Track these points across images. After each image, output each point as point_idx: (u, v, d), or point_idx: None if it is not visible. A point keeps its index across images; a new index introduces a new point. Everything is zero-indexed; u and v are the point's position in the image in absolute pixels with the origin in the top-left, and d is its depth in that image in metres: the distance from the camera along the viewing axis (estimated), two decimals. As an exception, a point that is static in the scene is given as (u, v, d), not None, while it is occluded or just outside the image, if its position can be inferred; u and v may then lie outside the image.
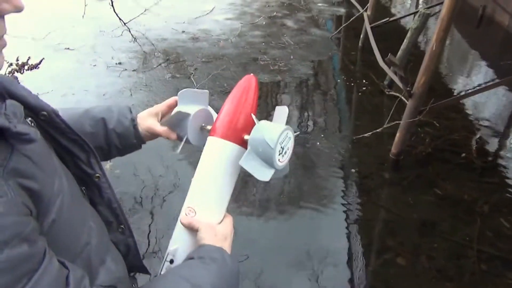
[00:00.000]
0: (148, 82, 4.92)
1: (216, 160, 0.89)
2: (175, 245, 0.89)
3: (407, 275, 2.54)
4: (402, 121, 3.38)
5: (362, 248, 2.72)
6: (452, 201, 3.10)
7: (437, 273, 2.53)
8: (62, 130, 0.71)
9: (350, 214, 3.03)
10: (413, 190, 3.22)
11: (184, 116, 0.94)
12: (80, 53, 5.62)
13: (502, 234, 2.81)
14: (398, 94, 3.71)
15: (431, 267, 2.56)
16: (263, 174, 0.84)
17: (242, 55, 5.82)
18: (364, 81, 5.13)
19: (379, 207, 3.12)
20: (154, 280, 0.78)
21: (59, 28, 6.04)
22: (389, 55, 3.32)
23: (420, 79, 3.15)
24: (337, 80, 5.36)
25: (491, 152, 3.78)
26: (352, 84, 5.13)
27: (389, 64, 3.69)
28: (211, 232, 0.85)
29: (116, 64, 5.35)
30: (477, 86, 5.10)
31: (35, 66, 2.64)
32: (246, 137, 0.87)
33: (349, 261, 2.63)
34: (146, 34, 5.47)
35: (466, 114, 4.39)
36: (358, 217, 3.02)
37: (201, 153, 0.91)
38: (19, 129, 0.55)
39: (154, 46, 5.54)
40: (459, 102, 4.52)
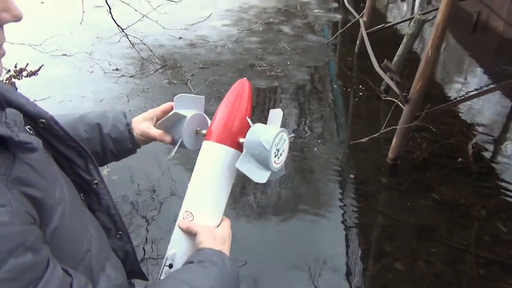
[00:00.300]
0: (145, 88, 4.92)
1: (212, 164, 0.89)
2: (174, 250, 0.89)
3: (405, 280, 2.53)
4: (399, 126, 3.40)
5: (360, 253, 2.72)
6: (449, 206, 3.11)
7: (435, 278, 2.53)
8: (60, 137, 0.71)
9: (348, 219, 3.03)
10: (410, 195, 3.22)
11: (180, 118, 0.94)
12: (77, 59, 5.62)
13: (500, 239, 2.82)
14: (394, 100, 3.72)
15: (429, 272, 2.56)
16: (260, 176, 0.85)
17: (239, 61, 5.84)
18: (361, 86, 5.15)
19: (376, 212, 3.12)
20: (154, 285, 0.78)
21: (56, 34, 6.04)
22: (385, 61, 3.35)
23: (416, 84, 3.17)
24: (333, 86, 5.38)
25: (487, 156, 3.80)
26: (349, 89, 5.16)
27: (385, 69, 3.71)
28: (210, 236, 0.84)
29: (113, 70, 5.35)
30: (473, 91, 5.13)
31: (34, 73, 2.63)
32: (241, 140, 0.87)
33: (347, 266, 2.62)
34: (143, 41, 5.48)
35: (462, 119, 4.42)
36: (356, 222, 3.02)
37: (197, 157, 0.91)
38: (22, 138, 0.55)
39: (151, 52, 5.55)
40: (455, 107, 4.54)
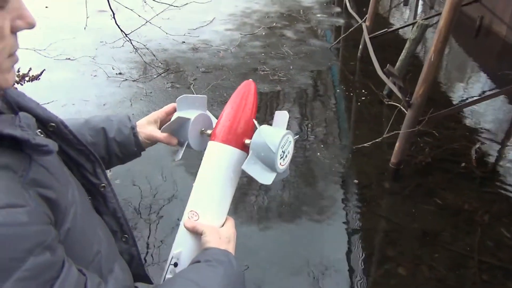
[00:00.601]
0: (148, 92, 4.94)
1: (218, 164, 0.90)
2: (179, 249, 0.89)
3: (408, 285, 2.52)
4: (402, 131, 3.39)
5: (362, 258, 2.71)
6: (452, 211, 3.10)
7: (438, 283, 2.51)
8: (69, 141, 0.72)
9: (350, 223, 3.02)
10: (413, 200, 3.21)
11: (184, 121, 0.95)
12: (81, 63, 5.65)
13: (503, 244, 2.80)
14: (397, 104, 3.72)
15: (432, 277, 2.55)
16: (265, 178, 0.85)
17: (241, 66, 5.86)
18: (363, 91, 5.15)
19: (379, 216, 3.11)
20: (161, 285, 0.79)
21: (60, 39, 6.09)
22: (388, 66, 3.35)
23: (419, 89, 3.17)
24: (336, 90, 5.39)
25: (491, 161, 3.78)
26: (351, 94, 5.16)
27: (388, 74, 3.71)
28: (216, 235, 0.85)
29: (116, 74, 5.38)
30: (476, 96, 5.12)
31: (36, 78, 2.65)
32: (247, 141, 0.88)
33: (349, 271, 2.61)
34: (147, 45, 5.51)
35: (465, 124, 4.41)
36: (359, 226, 3.01)
37: (199, 160, 0.92)
38: (38, 140, 0.56)
39: (154, 56, 5.57)
40: (458, 112, 4.53)
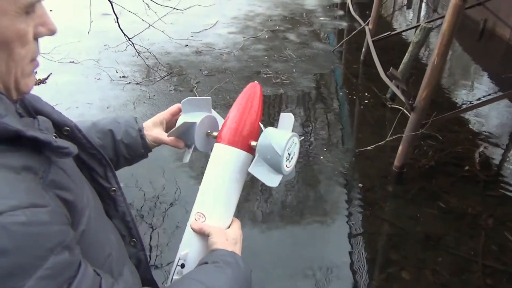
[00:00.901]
0: (151, 95, 4.95)
1: (224, 166, 0.91)
2: (186, 250, 0.90)
3: (412, 289, 2.51)
4: (405, 134, 3.38)
5: (365, 262, 2.70)
6: (456, 215, 3.08)
7: (442, 288, 2.50)
8: (83, 145, 0.73)
9: (353, 227, 3.01)
10: (417, 204, 3.20)
11: (190, 125, 0.96)
12: (84, 67, 5.68)
13: (507, 248, 2.78)
14: (400, 107, 3.72)
15: (436, 282, 2.53)
16: (272, 180, 0.85)
17: (245, 69, 5.87)
18: (366, 94, 5.15)
19: (382, 220, 3.10)
20: (169, 286, 0.79)
21: (65, 42, 6.12)
22: (391, 69, 3.35)
23: (422, 92, 3.16)
24: (339, 93, 5.39)
25: (495, 165, 3.77)
26: (354, 97, 5.15)
27: (391, 77, 3.71)
28: (223, 237, 0.86)
29: (120, 77, 5.40)
30: (480, 99, 5.11)
31: (43, 81, 2.66)
32: (252, 144, 0.89)
33: (352, 275, 2.60)
34: (149, 48, 5.53)
35: (469, 127, 4.39)
36: (362, 230, 3.00)
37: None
38: (59, 143, 0.57)
39: (157, 60, 5.59)
40: (462, 115, 4.52)
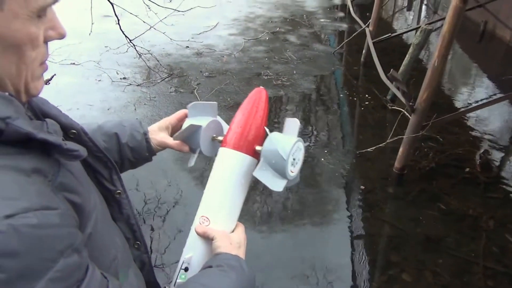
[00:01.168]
0: (152, 96, 4.96)
1: (228, 170, 0.91)
2: (190, 253, 0.90)
3: (412, 291, 2.50)
4: (405, 136, 3.38)
5: (366, 264, 2.70)
6: (456, 216, 3.08)
7: (443, 290, 2.50)
8: (89, 148, 0.73)
9: (354, 229, 3.01)
10: (417, 205, 3.20)
11: (196, 128, 0.96)
12: (85, 68, 5.69)
13: (508, 250, 2.78)
14: (401, 109, 3.72)
15: (436, 283, 2.53)
16: (276, 184, 0.86)
17: (245, 70, 5.88)
18: (367, 95, 5.15)
19: (383, 222, 3.10)
20: None
21: (65, 44, 6.12)
22: (391, 71, 3.35)
23: (423, 94, 3.17)
24: (339, 95, 5.39)
25: (495, 166, 3.77)
26: (355, 98, 5.16)
27: (391, 79, 3.71)
28: (226, 241, 0.86)
29: (120, 79, 5.40)
30: (480, 101, 5.11)
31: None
32: (257, 148, 0.89)
33: (353, 276, 2.60)
34: (150, 50, 5.54)
35: (469, 129, 4.39)
36: (362, 232, 3.00)
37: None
38: (69, 146, 0.57)
39: (158, 61, 5.60)
40: (462, 117, 4.52)
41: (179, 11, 4.51)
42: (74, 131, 0.70)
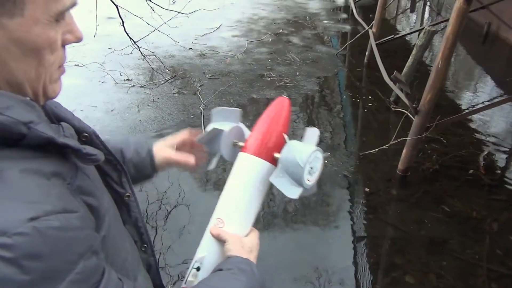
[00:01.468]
0: (155, 98, 4.97)
1: (247, 175, 0.93)
2: (203, 253, 0.91)
3: (416, 294, 2.50)
4: (409, 138, 3.38)
5: (369, 266, 2.69)
6: (460, 218, 3.07)
7: (446, 292, 2.49)
8: (100, 151, 0.73)
9: (357, 231, 3.00)
10: (421, 207, 3.19)
11: (219, 132, 0.99)
12: (89, 70, 5.71)
13: (512, 253, 2.77)
14: (404, 111, 3.71)
15: (440, 286, 2.52)
16: (292, 191, 0.87)
17: (248, 72, 5.88)
18: (370, 97, 5.14)
19: (386, 224, 3.09)
20: None
21: (70, 45, 6.14)
22: (395, 72, 3.34)
23: (426, 96, 3.16)
24: (343, 97, 5.38)
25: (499, 168, 3.75)
26: (358, 100, 5.15)
27: (395, 80, 3.71)
28: (238, 244, 0.88)
29: (124, 80, 5.42)
30: (484, 103, 5.09)
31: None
32: (276, 155, 0.91)
33: (356, 279, 2.59)
34: (154, 52, 5.56)
35: (473, 131, 4.38)
36: (365, 234, 2.99)
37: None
38: (88, 150, 0.58)
39: (162, 63, 5.62)
40: (466, 118, 4.51)
41: (183, 13, 4.53)
42: (86, 134, 0.70)
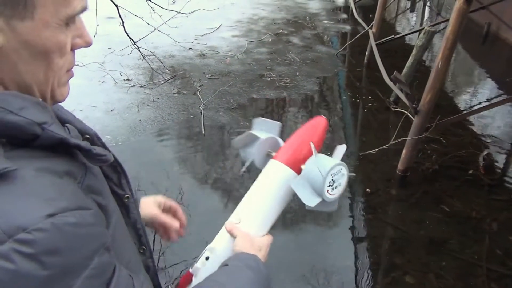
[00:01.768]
0: (155, 98, 4.97)
1: (272, 180, 0.97)
2: (215, 245, 0.95)
3: (416, 294, 2.49)
4: (409, 138, 3.38)
5: (369, 266, 2.69)
6: (460, 218, 3.07)
7: (446, 292, 2.49)
8: None
9: (357, 231, 3.00)
10: (421, 207, 3.19)
11: (254, 138, 1.03)
12: (89, 70, 5.70)
13: (512, 253, 2.77)
14: (404, 111, 3.71)
15: (440, 286, 2.52)
16: (310, 199, 0.90)
17: (248, 72, 5.88)
18: (370, 97, 5.14)
19: (386, 224, 3.09)
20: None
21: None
22: (394, 72, 3.34)
23: (426, 96, 3.16)
24: (342, 97, 5.39)
25: (499, 169, 3.75)
26: (358, 100, 5.15)
27: (394, 81, 3.71)
28: (248, 242, 0.90)
29: (124, 80, 5.42)
30: (484, 103, 5.09)
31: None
32: (303, 167, 0.94)
33: (356, 279, 2.59)
34: (154, 52, 5.56)
35: (473, 131, 4.38)
36: (365, 234, 2.99)
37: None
38: (98, 151, 0.60)
39: (162, 63, 5.61)
40: (466, 118, 4.51)
41: (182, 13, 4.53)
42: (88, 136, 0.71)
